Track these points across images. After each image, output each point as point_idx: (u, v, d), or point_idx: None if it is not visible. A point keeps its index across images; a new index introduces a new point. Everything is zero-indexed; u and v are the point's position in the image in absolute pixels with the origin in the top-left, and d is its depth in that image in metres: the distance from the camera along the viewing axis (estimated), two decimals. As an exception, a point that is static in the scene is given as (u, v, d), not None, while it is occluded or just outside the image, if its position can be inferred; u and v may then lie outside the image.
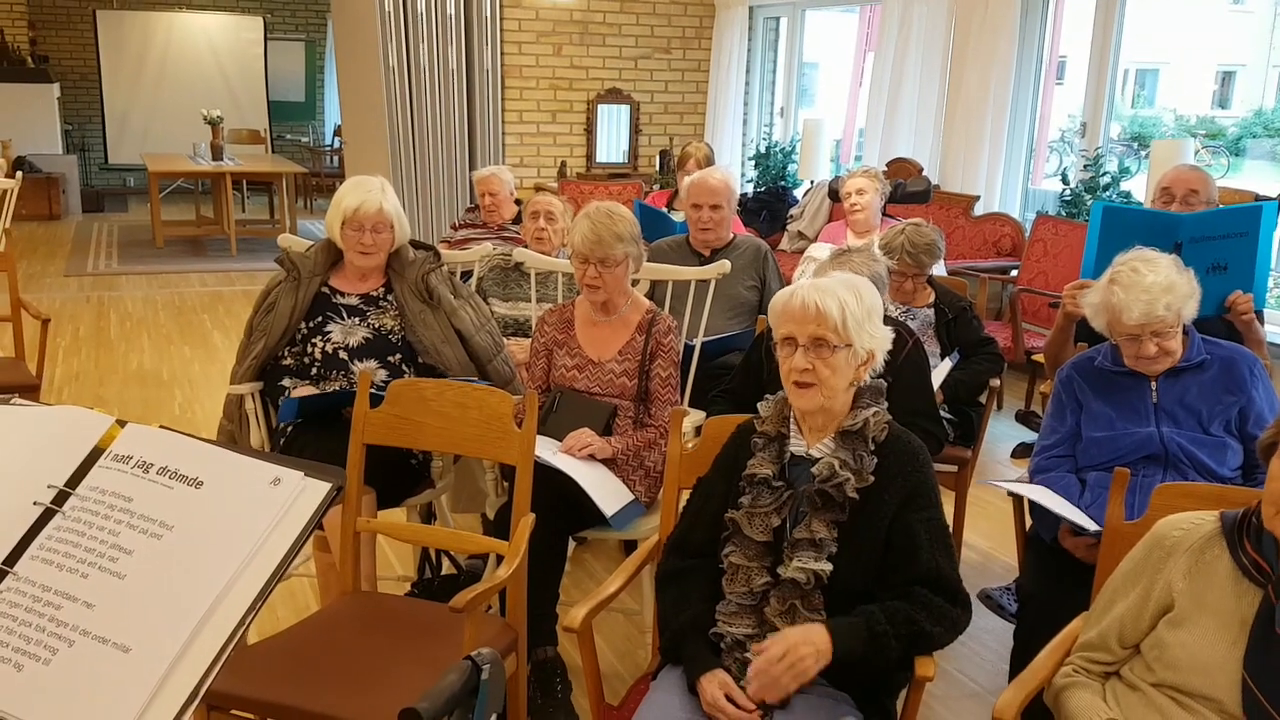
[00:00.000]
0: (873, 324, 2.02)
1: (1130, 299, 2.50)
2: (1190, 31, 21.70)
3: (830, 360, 1.97)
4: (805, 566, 1.92)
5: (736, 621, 1.97)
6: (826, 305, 1.97)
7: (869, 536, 1.95)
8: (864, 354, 2.01)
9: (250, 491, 1.17)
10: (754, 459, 2.05)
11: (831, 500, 1.95)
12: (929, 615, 1.90)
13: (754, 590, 1.98)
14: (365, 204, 3.06)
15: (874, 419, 2.02)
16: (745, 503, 2.02)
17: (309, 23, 14.14)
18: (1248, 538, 1.77)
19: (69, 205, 11.70)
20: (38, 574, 1.13)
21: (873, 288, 2.08)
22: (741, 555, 2.00)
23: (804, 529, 1.96)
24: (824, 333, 1.97)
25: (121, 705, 1.03)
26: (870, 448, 1.99)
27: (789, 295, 2.02)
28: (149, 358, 6.32)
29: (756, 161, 8.31)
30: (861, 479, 1.96)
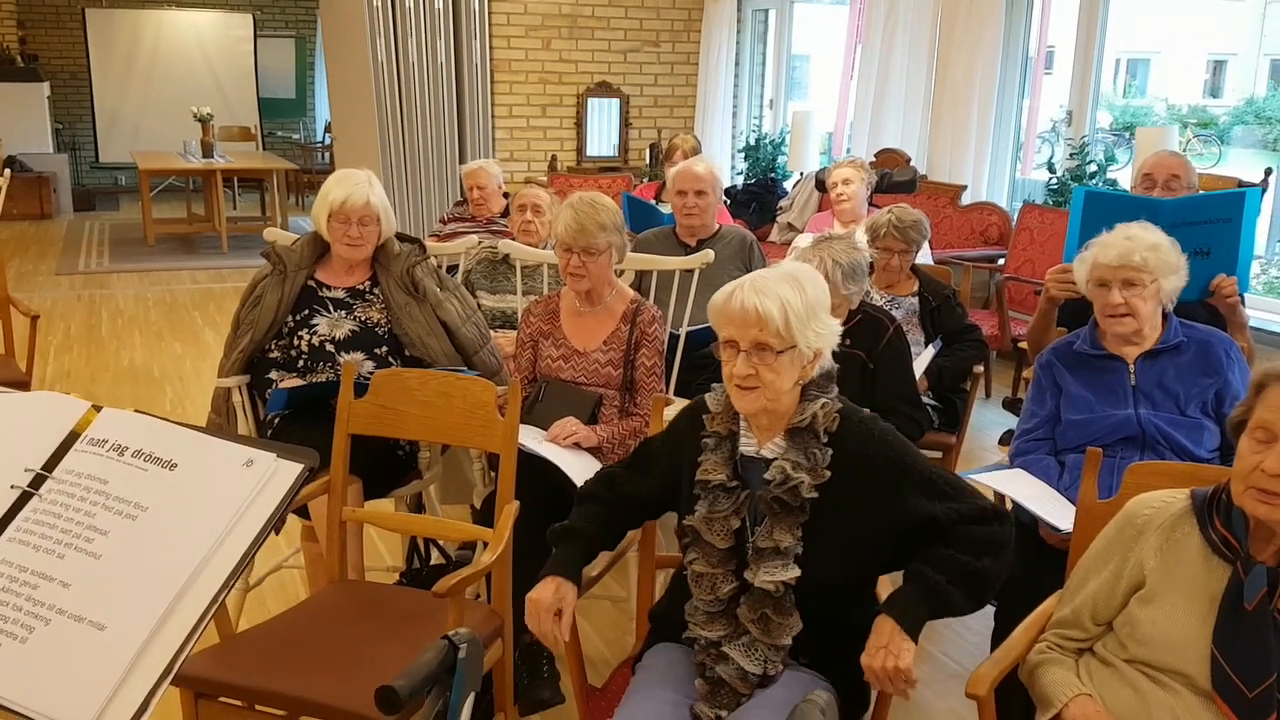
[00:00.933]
0: (818, 320, 1.91)
1: (1113, 240, 2.58)
2: (1181, 21, 21.72)
3: (774, 364, 1.87)
4: (774, 578, 1.87)
5: (709, 627, 1.95)
6: (767, 308, 1.85)
7: (837, 529, 1.90)
8: (809, 353, 1.91)
9: (224, 473, 1.19)
10: (705, 462, 1.98)
11: (790, 505, 1.89)
12: (975, 549, 1.85)
13: (720, 597, 1.93)
14: (352, 197, 3.07)
15: (822, 411, 1.92)
16: (702, 510, 1.95)
17: (299, 19, 14.13)
18: (1217, 515, 1.79)
19: (60, 204, 11.70)
20: (14, 555, 1.15)
21: (818, 282, 1.95)
22: (705, 563, 1.94)
23: (766, 536, 1.89)
24: (765, 337, 1.86)
25: (97, 681, 1.05)
26: (823, 440, 1.91)
27: (727, 295, 1.91)
28: (140, 355, 6.34)
29: (746, 154, 8.33)
30: (817, 475, 1.89)
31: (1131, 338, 2.65)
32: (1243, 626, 1.71)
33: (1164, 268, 2.56)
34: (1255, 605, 1.71)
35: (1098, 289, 2.60)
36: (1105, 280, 2.58)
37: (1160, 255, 2.55)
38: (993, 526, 1.88)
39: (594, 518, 2.09)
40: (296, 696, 2.09)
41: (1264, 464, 1.67)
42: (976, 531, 1.86)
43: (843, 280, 2.86)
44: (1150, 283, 2.55)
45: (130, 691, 1.05)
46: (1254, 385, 1.75)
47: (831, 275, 2.84)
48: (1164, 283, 2.57)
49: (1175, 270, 2.58)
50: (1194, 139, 18.22)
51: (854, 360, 3.00)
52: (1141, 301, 2.56)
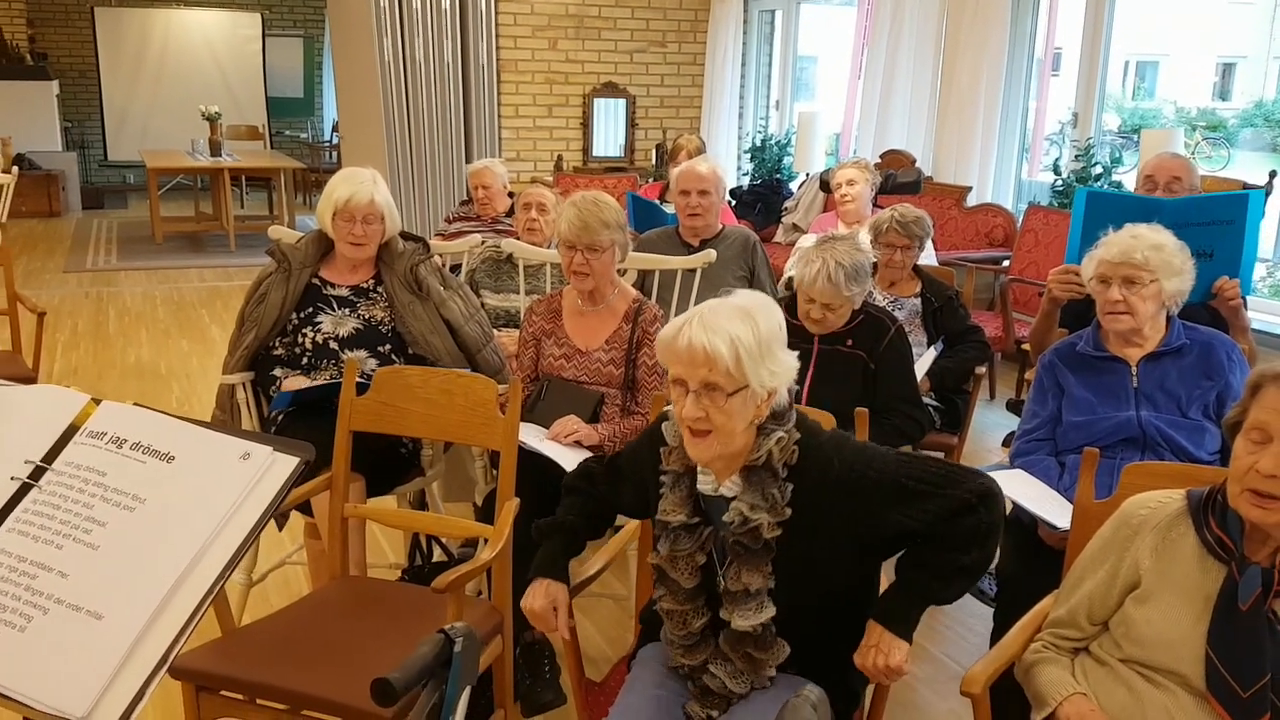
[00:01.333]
0: (773, 358, 1.80)
1: (1118, 237, 2.60)
2: (1190, 23, 21.67)
3: (725, 406, 1.77)
4: (749, 621, 1.82)
5: (689, 656, 1.91)
6: (716, 346, 1.74)
7: (811, 559, 1.84)
8: (763, 393, 1.80)
9: (220, 465, 1.20)
10: (664, 501, 1.91)
11: (752, 548, 1.82)
12: (961, 544, 1.81)
13: (693, 631, 1.90)
14: (356, 195, 3.08)
15: (778, 447, 1.82)
16: (664, 549, 1.90)
17: (307, 19, 14.17)
18: (1213, 515, 1.80)
19: (69, 202, 11.75)
20: (14, 545, 1.16)
21: (772, 313, 1.84)
22: (673, 600, 1.90)
23: (735, 579, 1.83)
24: (715, 377, 1.76)
25: (94, 670, 1.07)
26: (781, 476, 1.82)
27: (675, 333, 1.80)
28: (147, 352, 6.36)
29: (752, 154, 8.34)
30: (778, 513, 1.81)
31: (1132, 338, 2.66)
32: (1237, 627, 1.71)
33: (1166, 269, 2.56)
34: (1249, 606, 1.71)
35: (1099, 285, 2.62)
36: (1106, 276, 2.59)
37: (1163, 255, 2.56)
38: (977, 514, 1.81)
39: (578, 510, 2.10)
40: (297, 690, 2.10)
41: (1259, 464, 1.67)
42: (960, 526, 1.80)
43: (845, 281, 2.87)
44: (1150, 282, 2.56)
45: (127, 680, 1.07)
46: (1249, 386, 1.75)
47: (834, 277, 2.85)
48: (1166, 284, 2.57)
49: (1179, 273, 2.58)
50: (1203, 142, 18.18)
51: (855, 361, 3.01)
52: (1140, 300, 2.57)
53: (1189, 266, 2.61)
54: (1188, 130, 18.53)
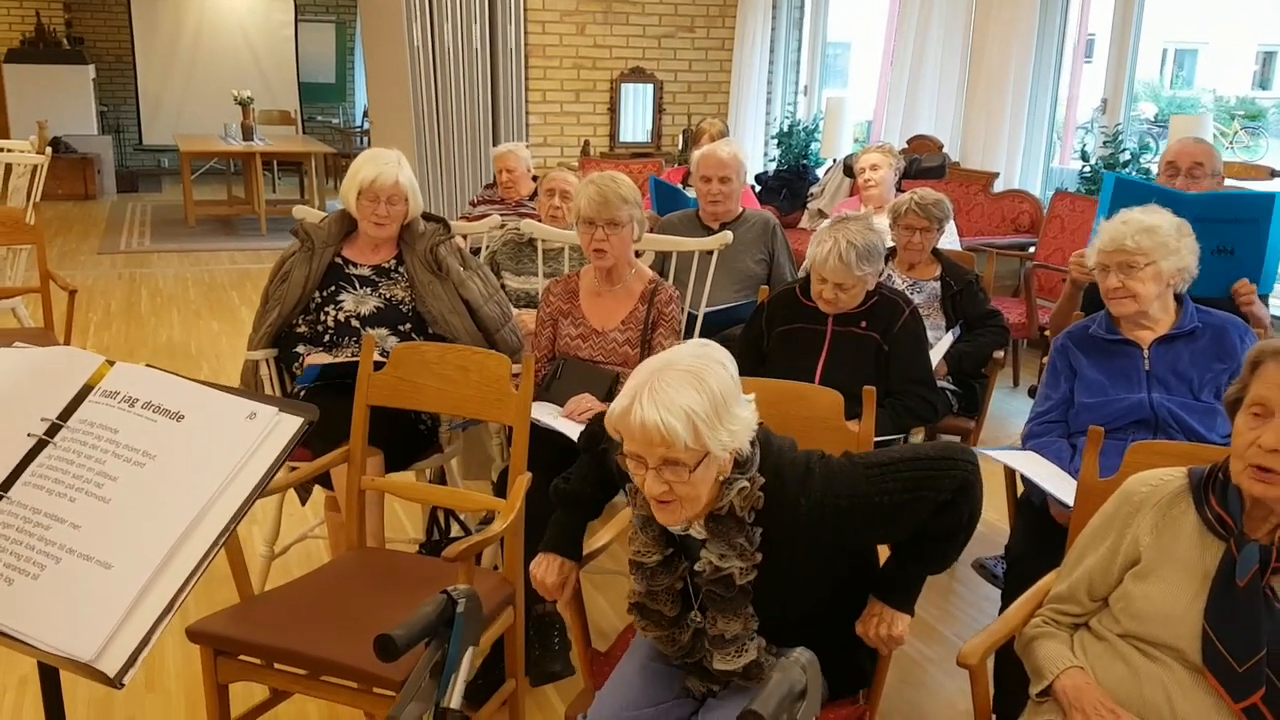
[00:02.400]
0: (730, 417, 1.71)
1: (1111, 225, 2.65)
2: (1229, 11, 21.37)
3: (689, 479, 1.71)
4: (731, 665, 1.82)
5: (676, 658, 1.93)
6: (670, 425, 1.65)
7: (790, 591, 1.83)
8: (726, 455, 1.73)
9: (228, 424, 1.24)
10: (635, 541, 1.88)
11: (725, 596, 1.80)
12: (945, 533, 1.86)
13: (683, 645, 1.90)
14: (382, 176, 3.12)
15: (739, 498, 1.76)
16: (641, 588, 1.88)
17: (339, 4, 14.26)
18: (1213, 493, 1.81)
19: (104, 185, 11.91)
20: (30, 498, 1.21)
21: (722, 367, 1.74)
22: (657, 629, 1.90)
23: (712, 626, 1.82)
24: (675, 454, 1.68)
25: (103, 616, 1.11)
26: (749, 522, 1.77)
27: (625, 410, 1.69)
28: (178, 332, 6.46)
29: (779, 140, 8.33)
30: (749, 558, 1.78)
31: (1143, 321, 2.66)
32: (1234, 603, 1.72)
33: (1159, 249, 2.58)
34: (1247, 582, 1.72)
35: (1101, 273, 2.66)
36: (1104, 264, 2.64)
37: (1155, 237, 2.58)
38: (957, 509, 1.83)
39: (592, 476, 2.09)
40: (312, 655, 2.15)
41: (1260, 439, 1.68)
42: (942, 522, 1.83)
43: (856, 261, 2.88)
44: (1146, 265, 2.59)
45: (134, 626, 1.11)
46: (1250, 362, 1.76)
47: (846, 256, 2.86)
48: (1163, 264, 2.59)
49: (1175, 251, 2.60)
50: (1241, 131, 17.94)
51: (869, 343, 3.03)
52: (1139, 284, 2.60)
53: (1186, 245, 2.62)
54: (1226, 119, 18.31)
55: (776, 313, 3.15)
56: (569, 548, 2.08)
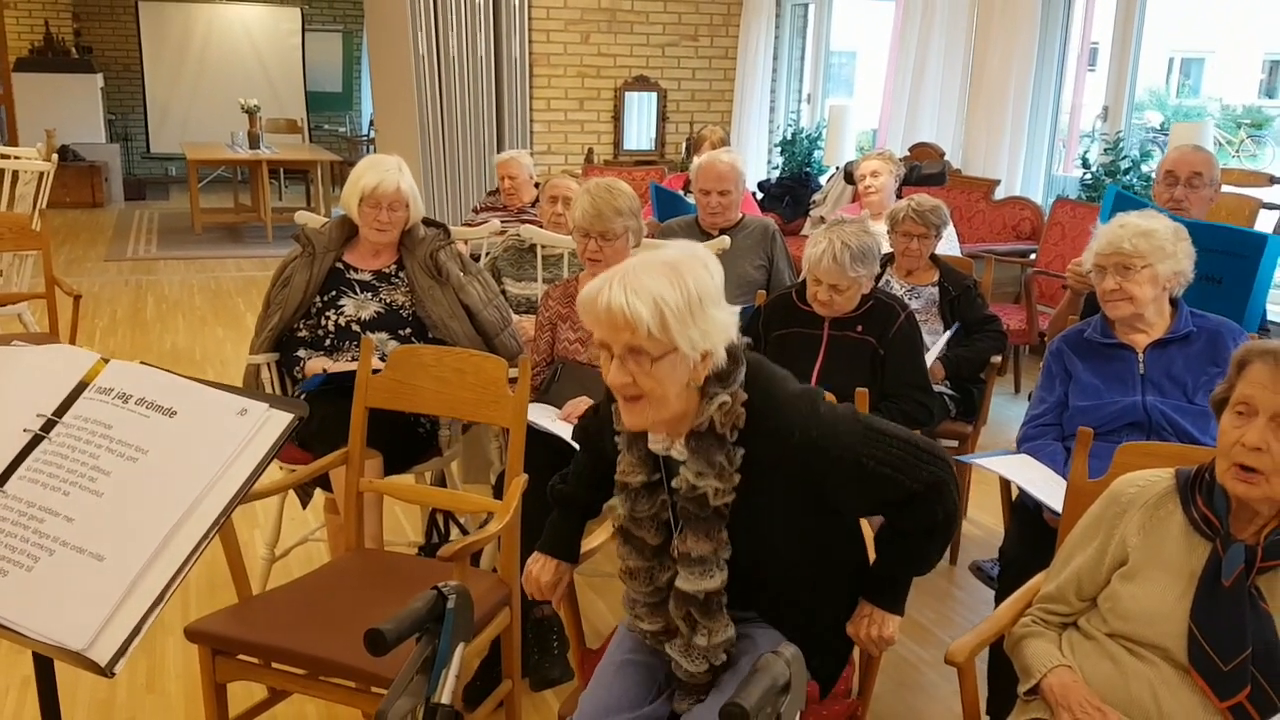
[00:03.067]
0: (704, 317, 1.65)
1: (1106, 229, 2.68)
2: (1236, 20, 21.37)
3: (652, 371, 1.65)
4: (694, 586, 1.76)
5: (650, 619, 1.86)
6: (636, 309, 1.61)
7: (767, 525, 1.77)
8: (695, 355, 1.66)
9: (219, 420, 1.27)
10: (621, 462, 1.83)
11: (699, 515, 1.75)
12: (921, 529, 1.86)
13: (659, 586, 1.83)
14: (383, 183, 3.15)
15: (720, 413, 1.70)
16: (624, 511, 1.83)
17: (346, 14, 14.33)
18: (1200, 493, 1.82)
19: (111, 193, 11.97)
20: (25, 492, 1.24)
21: (705, 269, 1.70)
22: (639, 558, 1.84)
23: (682, 543, 1.77)
24: (638, 341, 1.63)
25: (95, 607, 1.14)
26: (731, 440, 1.71)
27: (595, 293, 1.66)
28: (183, 338, 6.50)
29: (782, 148, 8.36)
30: (727, 479, 1.72)
31: (1137, 325, 2.68)
32: (1219, 602, 1.73)
33: (1156, 253, 2.60)
34: (1232, 582, 1.73)
35: (1097, 275, 2.67)
36: (1101, 266, 2.66)
37: (1152, 241, 2.60)
38: (930, 505, 1.82)
39: (586, 478, 2.05)
40: (310, 654, 2.17)
41: (1244, 438, 1.70)
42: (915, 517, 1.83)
43: (851, 262, 2.90)
44: (1143, 267, 2.61)
45: (125, 616, 1.13)
46: (1236, 362, 1.77)
47: (840, 257, 2.89)
48: (1159, 267, 2.61)
49: (1171, 255, 2.62)
50: (1247, 139, 17.93)
51: (865, 347, 3.05)
52: (1136, 286, 2.62)
53: (1183, 248, 2.64)
54: (1232, 128, 18.30)
55: (773, 317, 3.18)
56: (564, 549, 2.08)
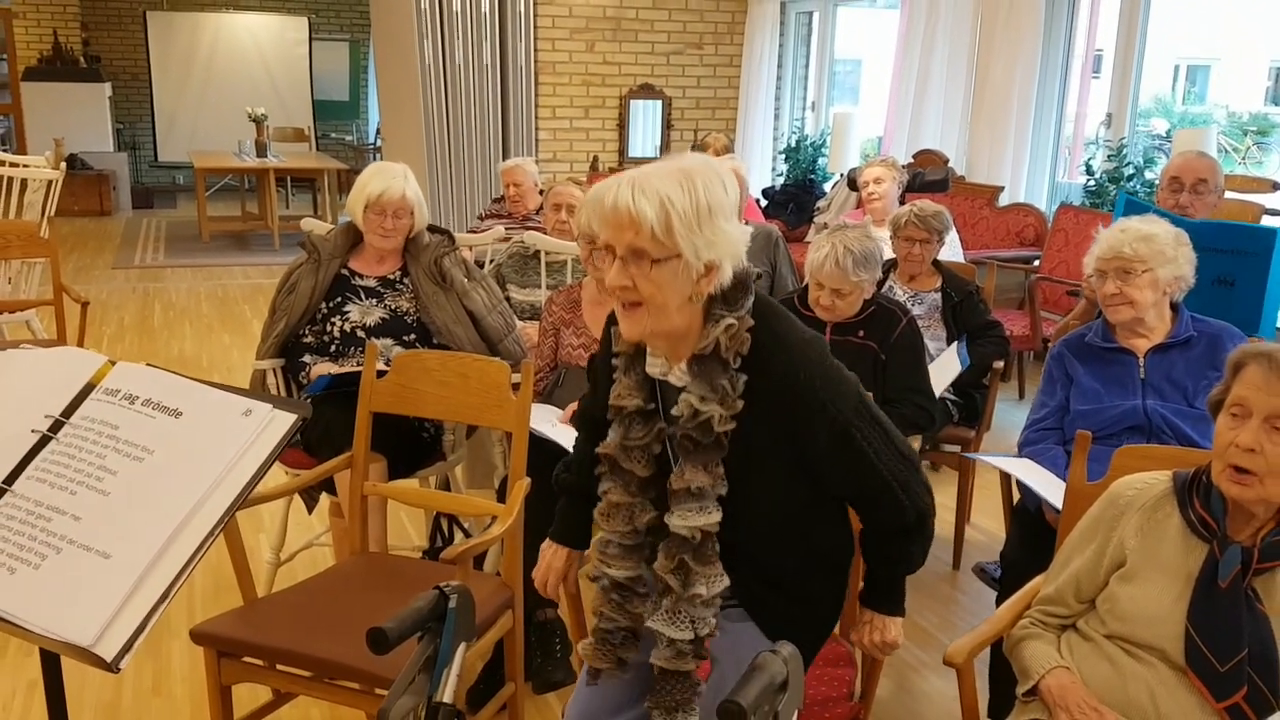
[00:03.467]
0: (712, 227, 1.60)
1: (1107, 234, 2.69)
2: (1243, 27, 21.39)
3: (650, 275, 1.59)
4: (689, 524, 1.68)
5: (617, 563, 1.78)
6: (641, 208, 1.57)
7: (758, 464, 1.70)
8: (699, 265, 1.61)
9: (224, 421, 1.29)
10: (617, 385, 1.76)
11: (702, 442, 1.67)
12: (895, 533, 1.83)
13: (638, 528, 1.76)
14: (389, 190, 3.18)
15: (726, 335, 1.64)
16: (615, 437, 1.75)
17: (353, 23, 14.39)
18: (1197, 496, 1.83)
19: (119, 201, 12.03)
20: (33, 491, 1.26)
21: (721, 182, 1.64)
22: (623, 492, 1.75)
23: (679, 477, 1.69)
24: (640, 242, 1.58)
25: (101, 603, 1.16)
26: (734, 366, 1.66)
27: (604, 191, 1.63)
28: (190, 345, 6.53)
29: (787, 155, 8.38)
30: (730, 405, 1.65)
31: (1138, 329, 2.69)
32: (1216, 603, 1.75)
33: (1157, 257, 2.62)
34: (1229, 583, 1.74)
35: (1098, 280, 2.69)
36: (1102, 270, 2.67)
37: (1152, 245, 2.62)
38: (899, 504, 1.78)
39: (588, 465, 1.89)
40: (314, 656, 2.19)
41: (1238, 439, 1.71)
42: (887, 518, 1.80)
43: (853, 267, 2.92)
44: (1143, 272, 2.62)
45: (130, 613, 1.15)
46: (1232, 365, 1.79)
47: (842, 262, 2.90)
48: (1160, 271, 2.62)
49: (1171, 260, 2.63)
50: (1253, 147, 17.92)
51: (866, 352, 3.06)
52: (1136, 290, 2.63)
53: (1184, 253, 2.66)
54: (1238, 135, 18.30)
55: (776, 322, 3.18)
56: (574, 537, 2.03)
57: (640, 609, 1.78)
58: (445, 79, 8.04)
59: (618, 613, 1.79)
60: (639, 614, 1.78)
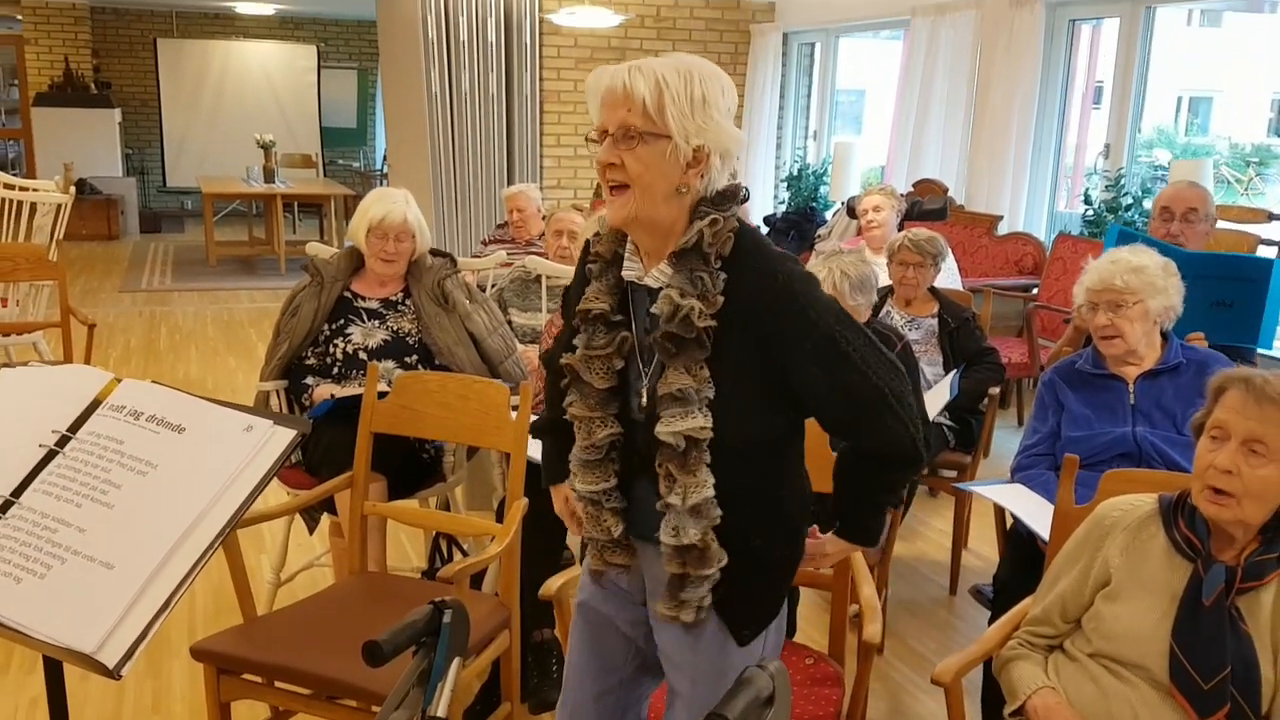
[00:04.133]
0: (704, 115, 1.60)
1: (1098, 265, 2.73)
2: (1245, 59, 21.54)
3: (637, 151, 1.60)
4: (673, 429, 1.62)
5: (580, 477, 1.75)
6: (635, 83, 1.59)
7: (746, 366, 1.65)
8: (689, 150, 1.60)
9: (226, 436, 1.33)
10: (589, 289, 1.74)
11: (685, 340, 1.63)
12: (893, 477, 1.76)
13: (596, 444, 1.72)
14: (390, 214, 3.23)
15: (710, 230, 1.62)
16: (580, 344, 1.73)
17: (361, 52, 14.55)
18: (1181, 516, 1.87)
19: (127, 226, 12.12)
20: (39, 504, 1.30)
21: (720, 82, 1.65)
22: (583, 405, 1.72)
23: (664, 383, 1.64)
24: (632, 119, 1.59)
25: (104, 612, 1.19)
26: (715, 264, 1.63)
27: (600, 72, 1.66)
28: (195, 368, 6.58)
29: (789, 183, 8.45)
30: (710, 302, 1.62)
31: (1128, 358, 2.73)
32: (1200, 622, 1.78)
33: (1147, 289, 2.65)
34: (1212, 602, 1.77)
35: (1089, 311, 2.73)
36: (1093, 302, 2.71)
37: (1143, 277, 2.66)
38: (888, 425, 1.67)
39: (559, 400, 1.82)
40: (312, 673, 2.22)
41: (1216, 460, 1.75)
42: (876, 437, 1.69)
43: (850, 291, 2.97)
44: (1134, 304, 2.66)
45: (133, 621, 1.19)
46: (1214, 389, 1.82)
47: (839, 286, 2.95)
48: (1150, 303, 2.66)
49: (1162, 290, 2.67)
50: (1256, 178, 18.02)
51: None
52: (1127, 323, 2.67)
53: (1173, 283, 2.70)
54: (1241, 166, 18.39)
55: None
56: (567, 471, 1.86)
57: (610, 522, 1.75)
58: (451, 107, 8.14)
59: (592, 526, 1.77)
60: (609, 527, 1.75)
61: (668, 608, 1.71)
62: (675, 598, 1.70)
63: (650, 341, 1.67)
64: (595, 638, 1.89)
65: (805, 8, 8.45)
